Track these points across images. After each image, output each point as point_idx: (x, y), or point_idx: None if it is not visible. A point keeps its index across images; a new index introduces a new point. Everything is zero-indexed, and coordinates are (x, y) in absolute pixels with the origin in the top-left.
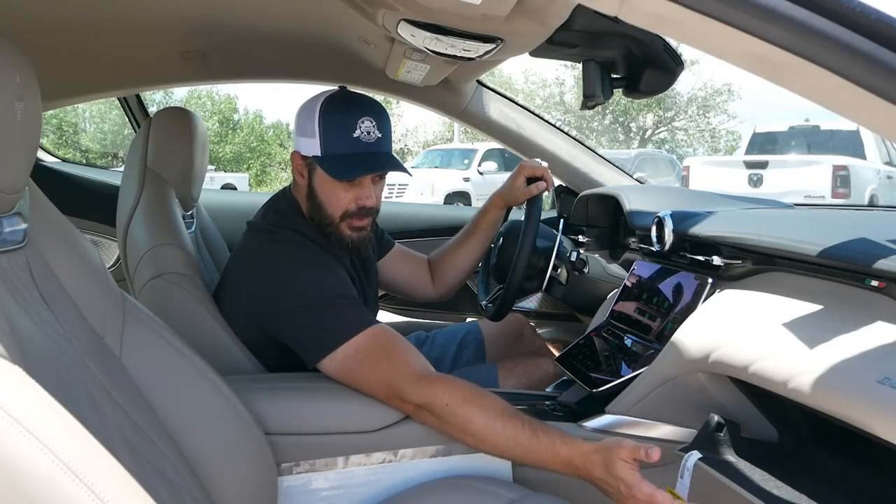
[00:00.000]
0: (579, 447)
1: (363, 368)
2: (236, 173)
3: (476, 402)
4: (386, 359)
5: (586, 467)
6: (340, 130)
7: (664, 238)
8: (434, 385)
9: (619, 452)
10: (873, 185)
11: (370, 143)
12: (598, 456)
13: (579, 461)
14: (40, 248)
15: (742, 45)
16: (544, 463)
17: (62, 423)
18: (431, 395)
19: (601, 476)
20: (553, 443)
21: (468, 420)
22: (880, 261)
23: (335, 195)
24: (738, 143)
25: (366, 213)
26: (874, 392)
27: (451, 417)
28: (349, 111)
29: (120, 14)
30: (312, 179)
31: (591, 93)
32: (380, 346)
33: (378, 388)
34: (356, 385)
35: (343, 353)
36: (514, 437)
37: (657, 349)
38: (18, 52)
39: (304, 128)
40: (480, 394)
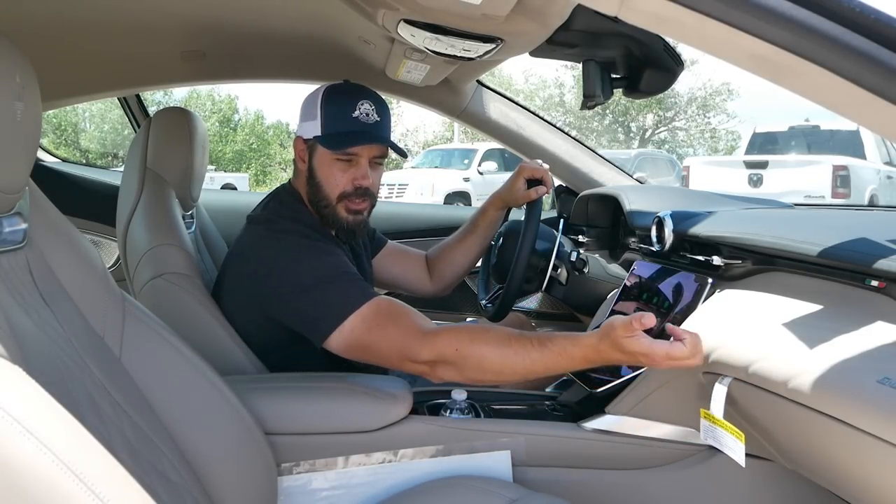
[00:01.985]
0: (587, 342)
1: (372, 336)
2: (236, 173)
3: (482, 338)
4: (392, 324)
5: (602, 357)
6: (340, 110)
7: (664, 238)
8: (440, 336)
9: (616, 333)
10: (873, 185)
11: (368, 124)
12: (605, 344)
13: (594, 355)
14: (40, 248)
15: (742, 45)
16: (564, 367)
17: (62, 423)
18: (440, 346)
19: (619, 357)
20: (564, 348)
21: (482, 356)
22: (880, 261)
23: (333, 175)
24: (737, 143)
25: (362, 194)
26: (874, 392)
27: (466, 360)
28: (350, 94)
29: (120, 14)
30: (312, 161)
31: (591, 93)
32: (385, 314)
33: (389, 353)
34: (367, 355)
35: (350, 326)
36: (529, 356)
37: None
38: (18, 52)
39: (308, 113)
40: (483, 329)
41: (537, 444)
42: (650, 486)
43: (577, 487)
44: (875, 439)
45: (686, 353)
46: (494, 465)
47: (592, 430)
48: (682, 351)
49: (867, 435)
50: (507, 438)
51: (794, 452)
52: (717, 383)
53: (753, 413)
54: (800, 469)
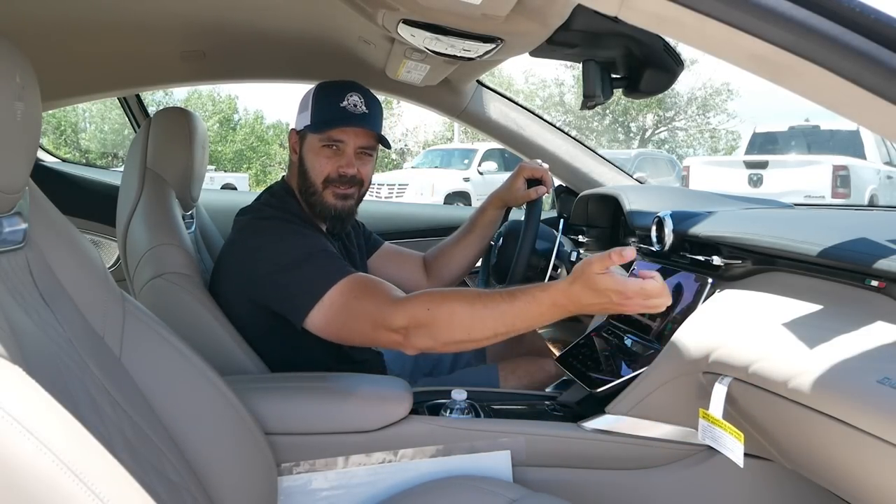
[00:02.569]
0: (556, 286)
1: (349, 309)
2: (236, 173)
3: (452, 296)
4: (367, 295)
5: (573, 300)
6: (329, 100)
7: (664, 238)
8: (412, 300)
9: (591, 269)
10: (873, 185)
11: (355, 114)
12: (577, 285)
13: (563, 298)
14: (40, 248)
15: (742, 45)
16: (535, 317)
17: (62, 423)
18: (412, 309)
19: (589, 300)
20: (533, 296)
21: (452, 312)
22: (880, 261)
23: (319, 161)
24: (737, 143)
25: (348, 182)
26: (874, 392)
27: (437, 320)
28: (340, 87)
29: (120, 14)
30: (302, 150)
31: (591, 93)
32: (361, 286)
33: (365, 324)
34: (345, 329)
35: (329, 301)
36: (499, 309)
37: (657, 349)
38: (18, 52)
39: (301, 107)
40: (452, 290)
41: (537, 444)
42: (650, 486)
43: (577, 487)
44: (875, 439)
45: (658, 287)
46: (494, 465)
47: (592, 430)
48: (654, 286)
49: (867, 435)
50: (507, 438)
51: (794, 452)
52: (717, 383)
53: (753, 413)
54: (800, 469)
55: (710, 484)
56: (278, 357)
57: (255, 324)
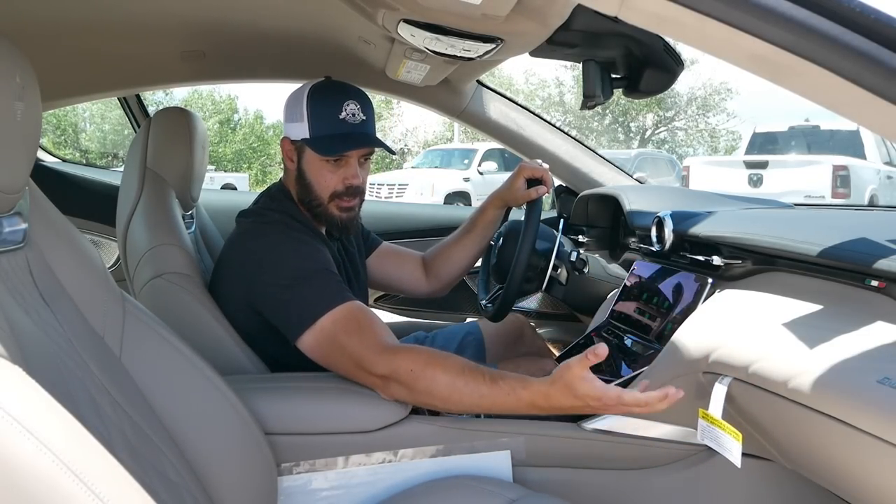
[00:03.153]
0: (537, 387)
1: (337, 342)
2: (236, 173)
3: (438, 364)
4: (357, 332)
5: (550, 403)
6: (327, 112)
7: (664, 238)
8: (398, 354)
9: (571, 373)
10: (873, 185)
11: (355, 124)
12: (556, 387)
13: (542, 400)
14: (40, 248)
15: (742, 45)
16: (511, 408)
17: (62, 423)
18: (397, 363)
19: (570, 403)
20: (514, 388)
21: (433, 381)
22: (880, 261)
23: (323, 176)
24: (737, 143)
25: (353, 193)
26: (874, 392)
27: (417, 382)
28: (335, 95)
29: (120, 14)
30: (301, 162)
31: (591, 93)
32: (355, 320)
33: (348, 361)
34: (329, 359)
35: (321, 326)
36: (478, 390)
37: (657, 349)
38: (18, 52)
39: (293, 114)
40: (442, 356)
41: (537, 444)
42: (650, 486)
43: (577, 487)
44: (875, 439)
45: (638, 400)
46: (494, 465)
47: (592, 430)
48: (634, 398)
49: (867, 435)
50: (507, 438)
51: (794, 452)
52: (717, 383)
53: (753, 413)
54: (800, 469)
55: (710, 484)
56: (277, 357)
57: (254, 325)
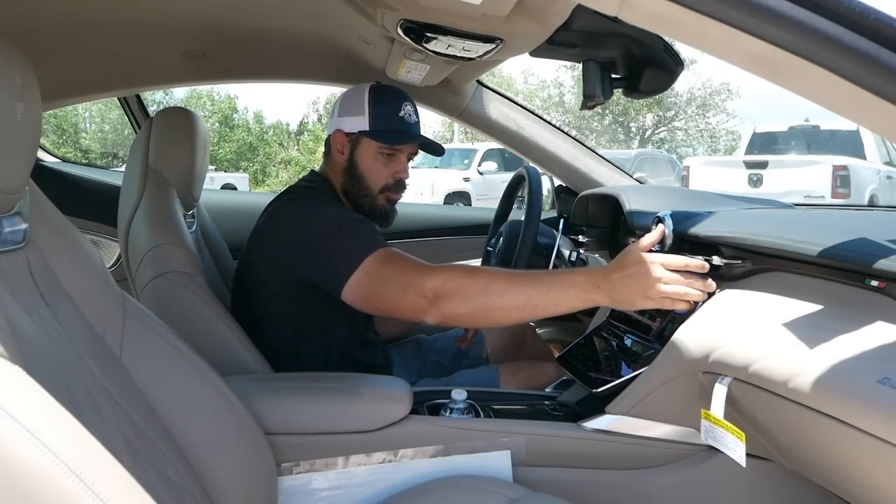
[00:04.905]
0: (591, 270)
1: (382, 274)
2: (236, 173)
3: (483, 270)
4: (401, 259)
5: (605, 275)
6: (389, 109)
7: (664, 238)
8: (445, 268)
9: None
10: (873, 185)
11: (412, 123)
12: (612, 263)
13: (597, 273)
14: (40, 248)
15: (742, 45)
16: (568, 288)
17: (62, 423)
18: (448, 271)
19: (620, 271)
20: (571, 270)
21: (491, 275)
22: (880, 261)
23: (376, 168)
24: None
25: (401, 187)
26: (874, 392)
27: (475, 280)
28: (395, 95)
29: (120, 14)
30: (355, 154)
31: (591, 93)
32: (396, 255)
33: (395, 286)
34: (373, 293)
35: (365, 267)
36: (536, 276)
37: (657, 349)
38: (18, 52)
39: (352, 108)
40: (482, 267)
41: (537, 444)
42: (650, 486)
43: (577, 487)
44: (875, 439)
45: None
46: (494, 465)
47: (592, 430)
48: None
49: (867, 435)
50: (507, 438)
51: (794, 452)
52: (717, 383)
53: (753, 413)
54: (800, 469)
55: (711, 484)
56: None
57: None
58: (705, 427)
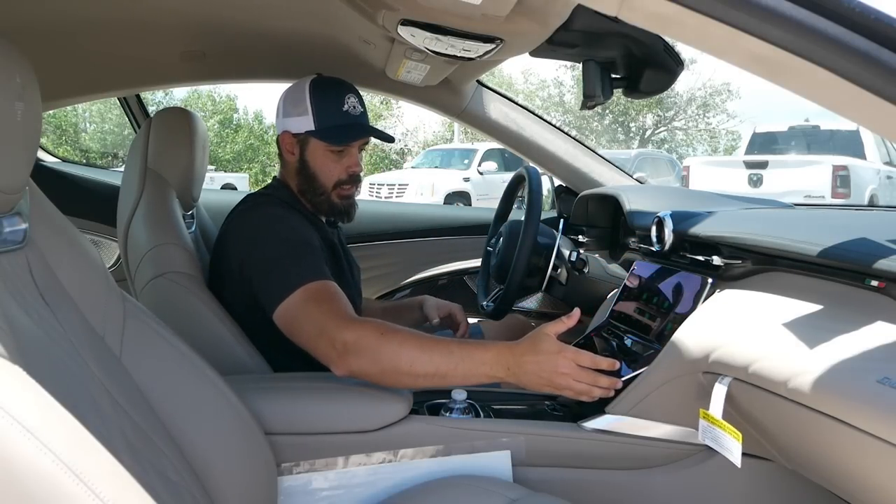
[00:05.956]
0: (502, 344)
1: (305, 309)
2: (236, 173)
3: (403, 330)
4: (327, 301)
5: (515, 354)
6: (331, 105)
7: (664, 238)
8: (366, 322)
9: (540, 331)
10: (873, 185)
11: (357, 116)
12: (523, 342)
13: (507, 352)
14: (40, 248)
15: (742, 46)
16: (478, 364)
17: (62, 423)
18: (364, 329)
19: (533, 359)
20: (483, 343)
21: (403, 341)
22: (880, 261)
23: (327, 166)
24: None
25: (355, 181)
26: (874, 392)
27: (386, 344)
28: (336, 89)
29: (120, 14)
30: (305, 154)
31: (591, 93)
32: (326, 293)
33: (311, 328)
34: (294, 326)
35: (298, 297)
36: (448, 347)
37: (657, 349)
38: (18, 52)
39: (294, 108)
40: (402, 328)
41: (537, 444)
42: (650, 486)
43: (577, 487)
44: (875, 439)
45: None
46: (494, 465)
47: (592, 430)
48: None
49: (867, 435)
50: (507, 438)
51: (794, 452)
52: (717, 383)
53: (753, 413)
54: (800, 469)
55: (710, 484)
56: (281, 354)
57: (255, 316)
58: (703, 427)
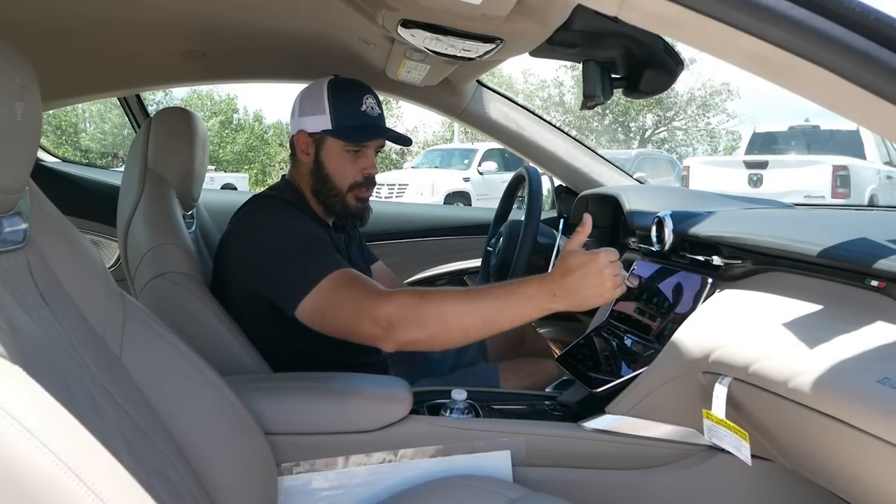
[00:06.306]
0: (539, 278)
1: (336, 297)
2: (236, 173)
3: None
4: (356, 286)
5: (556, 280)
6: (349, 105)
7: (664, 238)
8: (400, 292)
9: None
10: (873, 185)
11: (374, 117)
12: (555, 269)
13: (548, 281)
14: (40, 248)
15: (742, 46)
16: (523, 300)
17: (62, 422)
18: (401, 298)
19: (574, 280)
20: (522, 280)
21: (443, 299)
22: (880, 261)
23: (343, 167)
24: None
25: (370, 183)
26: (874, 392)
27: (429, 307)
28: (354, 89)
29: (120, 14)
30: (320, 154)
31: (591, 93)
32: (350, 278)
33: (348, 312)
34: (327, 318)
35: (319, 289)
36: (490, 292)
37: (657, 349)
38: (18, 52)
39: (312, 107)
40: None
41: (537, 444)
42: (650, 486)
43: (577, 487)
44: (875, 439)
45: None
46: (494, 465)
47: (592, 430)
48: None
49: (867, 435)
50: (507, 438)
51: (794, 452)
52: (717, 383)
53: (753, 413)
54: (800, 469)
55: (710, 484)
56: (281, 354)
57: (257, 317)
58: (708, 427)
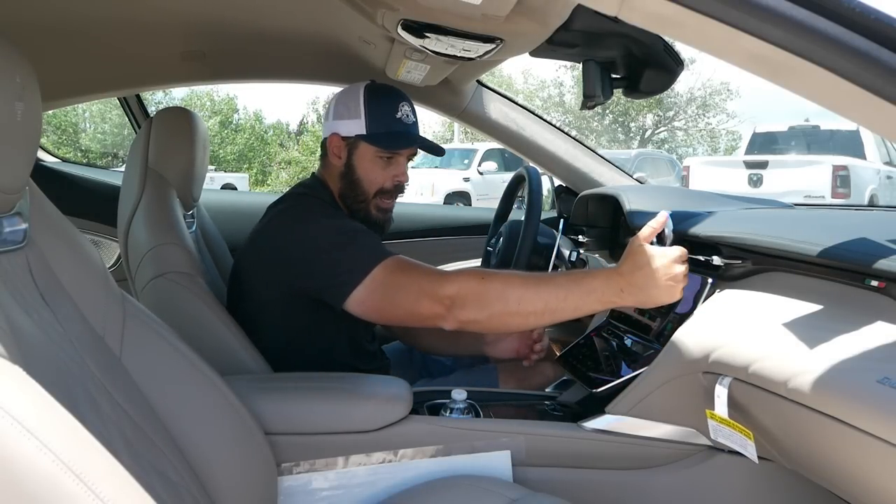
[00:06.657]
0: (607, 270)
1: (394, 282)
2: (236, 173)
3: (499, 275)
4: (414, 269)
5: (622, 275)
6: (385, 111)
7: (664, 238)
8: (462, 272)
9: (634, 241)
10: (873, 185)
11: (409, 125)
12: (625, 263)
13: (615, 274)
14: (41, 248)
15: (742, 46)
16: (588, 291)
17: (62, 422)
18: (463, 279)
19: (642, 277)
20: (588, 271)
21: (506, 282)
22: (880, 261)
23: (373, 172)
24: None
25: (398, 191)
26: (874, 392)
27: (490, 287)
28: (391, 95)
29: (120, 14)
30: (352, 158)
31: (591, 93)
32: (405, 263)
33: (409, 294)
34: (386, 301)
35: (373, 278)
36: (554, 280)
37: (657, 349)
38: (18, 52)
39: (346, 111)
40: (497, 271)
41: (537, 444)
42: (650, 486)
43: (577, 487)
44: (875, 439)
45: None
46: (494, 465)
47: (592, 430)
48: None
49: (867, 435)
50: (507, 438)
51: (794, 452)
52: (718, 384)
53: (753, 413)
54: (800, 469)
55: (711, 484)
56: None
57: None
58: (713, 426)
